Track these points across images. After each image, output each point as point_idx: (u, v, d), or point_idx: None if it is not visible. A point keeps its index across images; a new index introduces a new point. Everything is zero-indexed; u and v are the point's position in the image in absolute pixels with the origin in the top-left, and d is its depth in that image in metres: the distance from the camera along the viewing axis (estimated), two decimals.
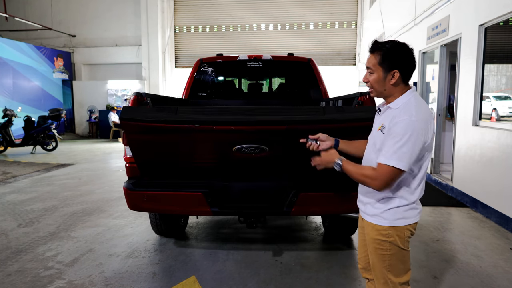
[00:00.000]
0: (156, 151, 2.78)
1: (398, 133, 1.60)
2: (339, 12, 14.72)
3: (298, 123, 2.49)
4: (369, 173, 1.68)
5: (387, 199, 1.76)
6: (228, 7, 15.03)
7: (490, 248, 3.68)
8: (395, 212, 1.74)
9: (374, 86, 1.76)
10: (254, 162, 2.78)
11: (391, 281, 1.79)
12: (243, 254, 3.49)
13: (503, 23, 4.58)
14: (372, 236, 1.80)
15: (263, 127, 2.54)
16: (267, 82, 5.38)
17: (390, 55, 1.68)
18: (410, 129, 1.59)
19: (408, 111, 1.63)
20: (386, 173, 1.62)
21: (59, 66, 15.06)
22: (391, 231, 1.74)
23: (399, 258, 1.77)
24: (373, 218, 1.80)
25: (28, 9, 15.64)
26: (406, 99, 1.70)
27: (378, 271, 1.82)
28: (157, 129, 2.54)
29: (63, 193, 5.89)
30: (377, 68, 1.71)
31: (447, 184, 5.83)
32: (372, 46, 1.74)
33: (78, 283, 2.96)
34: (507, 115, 5.56)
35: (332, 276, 3.07)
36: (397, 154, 1.59)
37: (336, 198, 2.90)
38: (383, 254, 1.77)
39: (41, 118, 10.79)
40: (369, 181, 1.68)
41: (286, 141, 2.61)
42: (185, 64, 15.51)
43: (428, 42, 6.80)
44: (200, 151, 2.81)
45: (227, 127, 2.53)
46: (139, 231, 4.14)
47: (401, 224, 1.73)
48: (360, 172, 1.73)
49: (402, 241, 1.75)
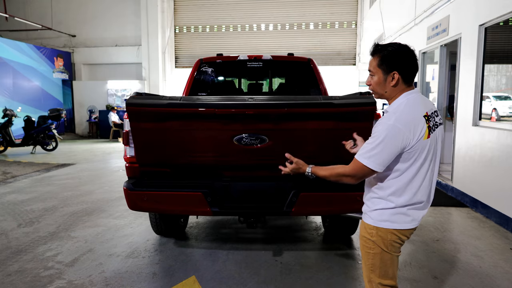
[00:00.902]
0: (159, 140, 2.82)
1: (374, 134, 1.68)
2: (339, 12, 14.72)
3: (297, 106, 2.61)
4: (341, 171, 1.77)
5: (375, 199, 1.80)
6: (228, 7, 15.03)
7: (490, 248, 3.68)
8: (381, 213, 1.76)
9: (375, 88, 1.78)
10: (255, 154, 2.81)
11: (373, 280, 1.80)
12: (243, 254, 3.49)
13: (503, 23, 4.58)
14: (361, 232, 1.87)
15: (264, 110, 2.64)
16: (267, 82, 5.38)
17: (389, 57, 1.70)
18: (385, 132, 1.62)
19: (390, 115, 1.67)
20: (358, 168, 1.70)
21: (59, 66, 15.06)
22: (374, 231, 1.77)
23: (383, 260, 1.77)
24: (363, 215, 1.86)
25: (28, 9, 15.64)
26: (399, 102, 1.71)
27: (364, 269, 1.87)
28: (161, 115, 2.66)
29: (63, 193, 5.89)
30: (377, 70, 1.73)
31: (447, 184, 5.83)
32: (373, 49, 1.76)
33: (78, 283, 2.96)
34: (507, 115, 5.56)
35: (332, 276, 3.07)
36: (369, 154, 1.66)
37: (336, 198, 2.90)
38: (367, 252, 1.81)
39: (41, 118, 10.79)
40: (343, 178, 1.77)
41: (286, 131, 2.71)
42: (185, 64, 15.51)
43: (428, 42, 6.80)
44: (201, 142, 2.83)
45: (229, 110, 2.62)
46: (139, 231, 4.14)
47: (384, 227, 1.74)
48: (334, 173, 1.80)
49: (386, 244, 1.74)
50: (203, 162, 2.95)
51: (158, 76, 14.78)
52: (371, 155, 1.64)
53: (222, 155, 2.88)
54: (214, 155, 2.90)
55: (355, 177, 1.73)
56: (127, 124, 2.94)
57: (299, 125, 2.73)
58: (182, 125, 2.73)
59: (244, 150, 2.77)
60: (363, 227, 1.84)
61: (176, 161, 2.96)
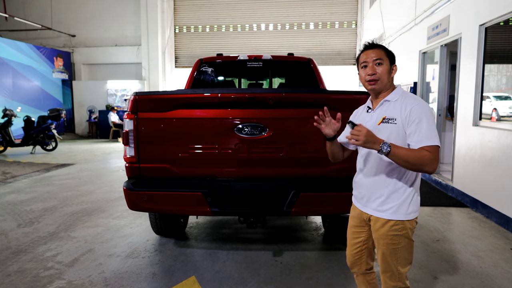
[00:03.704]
0: (163, 132, 2.92)
1: (421, 116, 1.70)
2: (339, 12, 14.72)
3: (294, 92, 2.95)
4: (428, 156, 1.64)
5: (397, 194, 1.81)
6: (228, 7, 15.02)
7: (490, 248, 3.68)
8: (407, 205, 1.81)
9: (382, 76, 1.80)
10: (255, 145, 2.89)
11: (403, 272, 1.87)
12: (243, 254, 3.49)
13: (503, 23, 4.58)
14: (382, 231, 1.85)
15: (264, 94, 2.90)
16: (267, 82, 5.38)
17: (389, 51, 1.85)
18: (427, 109, 1.73)
19: (412, 99, 1.77)
20: (436, 153, 1.67)
21: (59, 66, 15.05)
22: (401, 225, 1.80)
23: (409, 249, 1.86)
24: (381, 213, 1.85)
25: (28, 9, 15.64)
26: (401, 92, 1.84)
27: (390, 266, 1.88)
28: (168, 103, 2.88)
29: (63, 193, 5.89)
30: (386, 60, 1.81)
31: (447, 184, 5.83)
32: (372, 43, 1.87)
33: (78, 283, 2.95)
34: (507, 115, 5.55)
35: (332, 276, 3.06)
36: (434, 133, 1.68)
37: (336, 198, 2.90)
38: (395, 249, 1.84)
39: (41, 118, 10.78)
40: (428, 163, 1.64)
41: (286, 120, 2.89)
42: (185, 64, 15.51)
43: (428, 42, 6.80)
44: (204, 134, 2.94)
45: (231, 95, 2.88)
46: (139, 231, 4.13)
47: (411, 218, 1.82)
48: (418, 155, 1.64)
49: (411, 233, 1.84)
50: (205, 156, 2.98)
51: (158, 76, 14.77)
52: (435, 134, 1.68)
53: (224, 150, 2.93)
54: (216, 146, 2.95)
55: (438, 161, 1.67)
56: (127, 124, 2.94)
57: (298, 113, 2.90)
58: (187, 114, 2.92)
59: (245, 141, 2.88)
60: (385, 225, 1.81)
61: (178, 154, 2.99)
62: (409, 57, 7.99)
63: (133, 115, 2.90)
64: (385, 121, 1.78)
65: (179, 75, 15.30)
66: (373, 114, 1.87)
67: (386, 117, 1.78)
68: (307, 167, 2.96)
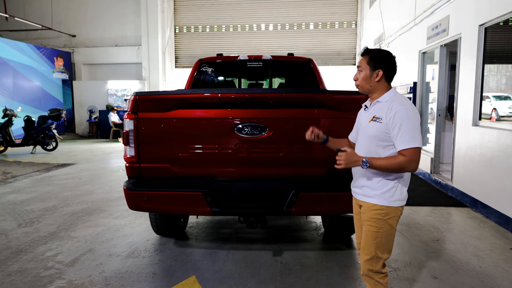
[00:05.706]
0: (163, 132, 2.93)
1: (403, 120, 1.87)
2: (339, 12, 14.72)
3: (293, 92, 2.96)
4: (403, 160, 1.87)
5: (384, 181, 2.00)
6: (228, 7, 15.03)
7: (490, 248, 3.68)
8: (393, 193, 2.00)
9: (361, 82, 2.06)
10: (255, 144, 2.90)
11: (381, 257, 2.07)
12: (243, 254, 3.49)
13: (503, 23, 4.58)
14: (367, 214, 2.06)
15: (264, 94, 2.92)
16: (267, 82, 5.38)
17: (376, 56, 2.01)
18: (409, 114, 1.89)
19: (400, 102, 1.93)
20: (415, 152, 1.87)
21: (59, 66, 15.06)
22: (385, 211, 2.00)
23: (390, 236, 2.05)
24: (369, 198, 2.05)
25: (28, 9, 15.65)
26: (392, 94, 2.01)
27: (370, 249, 2.06)
28: (168, 103, 2.90)
29: (63, 193, 5.89)
30: (366, 67, 2.03)
31: (447, 184, 5.83)
32: (363, 51, 2.07)
33: (78, 283, 2.96)
34: (507, 115, 5.56)
35: (332, 276, 3.07)
36: (414, 136, 1.87)
37: (336, 198, 2.90)
38: (376, 232, 2.03)
39: (41, 118, 10.79)
40: (406, 165, 1.88)
41: (285, 120, 2.91)
42: (185, 64, 15.51)
43: (428, 42, 6.80)
44: (204, 134, 2.95)
45: (231, 95, 2.89)
46: (139, 231, 4.14)
47: (395, 205, 2.01)
48: (396, 162, 1.89)
49: (395, 221, 2.03)
50: (206, 156, 2.98)
51: (158, 76, 14.77)
52: (417, 136, 1.87)
53: (224, 146, 2.94)
54: (217, 146, 2.95)
55: (416, 162, 1.87)
56: (127, 124, 2.94)
57: (298, 113, 2.92)
58: (186, 114, 2.93)
59: (245, 140, 2.89)
60: (370, 209, 2.01)
61: (179, 155, 2.99)
62: (409, 57, 7.99)
63: (133, 115, 2.91)
64: (374, 119, 2.01)
65: (179, 75, 15.30)
66: (367, 113, 2.11)
67: (375, 116, 2.00)
68: (307, 167, 2.97)
